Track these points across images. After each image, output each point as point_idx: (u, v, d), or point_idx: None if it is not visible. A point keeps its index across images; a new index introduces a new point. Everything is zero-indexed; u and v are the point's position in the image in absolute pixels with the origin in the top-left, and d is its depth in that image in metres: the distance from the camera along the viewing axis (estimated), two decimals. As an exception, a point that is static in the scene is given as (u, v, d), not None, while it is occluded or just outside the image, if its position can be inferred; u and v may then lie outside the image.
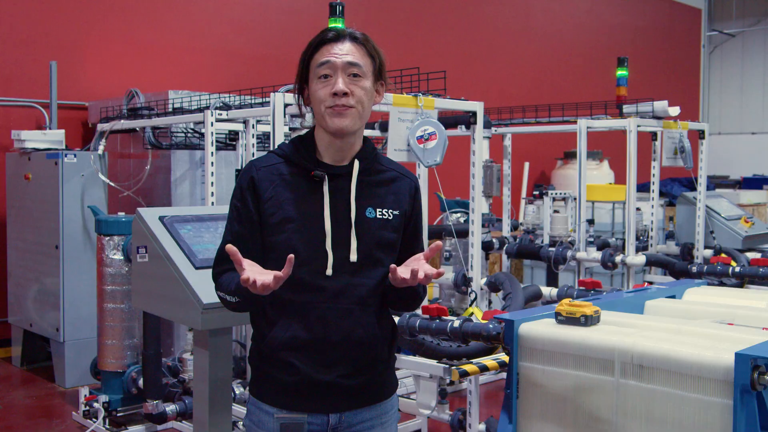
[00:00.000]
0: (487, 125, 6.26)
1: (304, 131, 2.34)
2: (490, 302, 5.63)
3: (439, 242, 2.04)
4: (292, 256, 1.93)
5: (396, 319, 3.61)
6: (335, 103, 2.08)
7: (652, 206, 6.66)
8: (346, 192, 2.14)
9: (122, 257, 4.91)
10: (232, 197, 2.19)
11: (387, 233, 2.16)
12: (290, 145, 2.20)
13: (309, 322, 2.10)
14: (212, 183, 5.02)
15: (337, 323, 2.10)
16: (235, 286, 2.08)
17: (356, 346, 2.13)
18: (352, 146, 2.17)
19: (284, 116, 4.02)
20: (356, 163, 2.16)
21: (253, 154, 4.77)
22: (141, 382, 4.72)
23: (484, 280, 5.11)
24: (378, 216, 2.15)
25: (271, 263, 2.06)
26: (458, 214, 6.29)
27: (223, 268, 2.17)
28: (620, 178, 8.99)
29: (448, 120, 4.98)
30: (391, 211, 2.18)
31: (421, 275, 1.99)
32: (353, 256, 2.11)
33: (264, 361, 2.16)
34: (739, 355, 1.86)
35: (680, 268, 5.74)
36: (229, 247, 1.95)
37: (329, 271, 2.09)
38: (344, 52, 2.10)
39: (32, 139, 6.10)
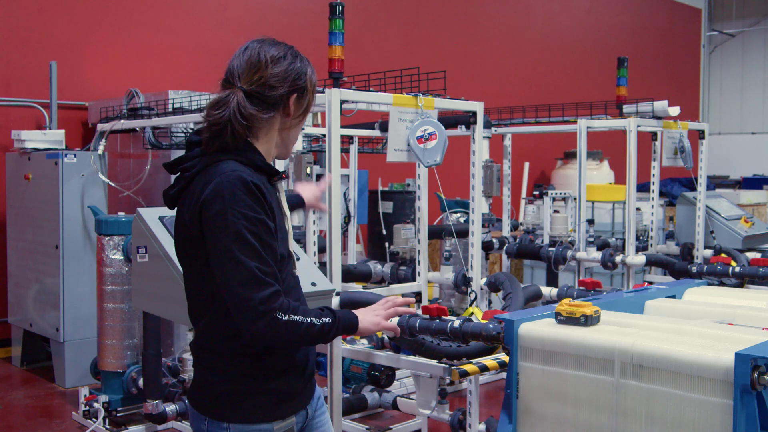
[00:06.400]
0: (487, 125, 6.25)
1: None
2: (490, 302, 5.62)
3: None
4: None
5: (396, 319, 3.62)
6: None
7: (652, 206, 6.65)
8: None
9: (122, 257, 4.91)
10: (248, 211, 2.00)
11: None
12: (248, 152, 2.17)
13: None
14: (212, 183, 5.00)
15: None
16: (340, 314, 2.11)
17: None
18: None
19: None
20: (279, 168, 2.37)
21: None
22: (141, 382, 4.72)
23: (484, 280, 5.10)
24: None
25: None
26: (458, 214, 6.28)
27: (276, 289, 1.99)
28: (620, 178, 8.99)
29: (448, 120, 4.97)
30: None
31: None
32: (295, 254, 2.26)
33: (266, 374, 2.09)
34: (739, 355, 1.85)
35: (680, 268, 5.73)
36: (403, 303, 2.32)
37: (297, 271, 2.22)
38: None
39: (32, 139, 6.10)
